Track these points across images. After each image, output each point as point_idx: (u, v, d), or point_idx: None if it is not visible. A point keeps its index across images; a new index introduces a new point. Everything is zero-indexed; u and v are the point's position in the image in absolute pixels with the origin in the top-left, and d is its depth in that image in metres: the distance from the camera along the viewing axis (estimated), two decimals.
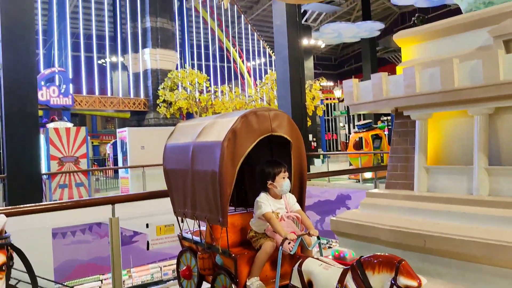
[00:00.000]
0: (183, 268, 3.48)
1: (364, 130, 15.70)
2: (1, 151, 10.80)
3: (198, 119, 3.73)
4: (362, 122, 16.28)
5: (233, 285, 2.95)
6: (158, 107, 25.05)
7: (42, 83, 19.99)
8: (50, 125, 13.89)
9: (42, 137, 12.32)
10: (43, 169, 11.84)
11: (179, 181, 3.40)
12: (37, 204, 3.93)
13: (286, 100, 17.57)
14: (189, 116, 27.07)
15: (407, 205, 3.06)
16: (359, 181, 13.02)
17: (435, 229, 2.70)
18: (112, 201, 3.94)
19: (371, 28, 26.84)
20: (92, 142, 29.27)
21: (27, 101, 10.63)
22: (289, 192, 3.11)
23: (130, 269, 6.66)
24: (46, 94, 20.35)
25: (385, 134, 17.57)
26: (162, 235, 4.50)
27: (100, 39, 26.76)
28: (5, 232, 2.10)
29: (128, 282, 6.59)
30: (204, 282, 3.37)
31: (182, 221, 3.55)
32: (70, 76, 22.51)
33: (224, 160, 2.85)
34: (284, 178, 3.02)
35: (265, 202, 2.98)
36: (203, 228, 3.28)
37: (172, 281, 6.22)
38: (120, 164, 14.63)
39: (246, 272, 2.95)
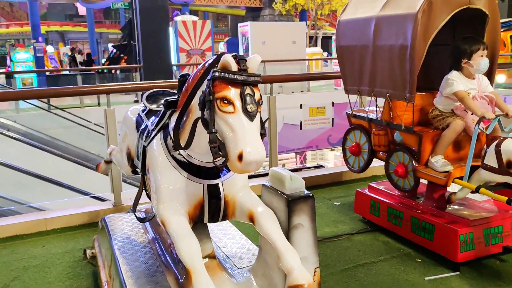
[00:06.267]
0: (351, 145, 3.55)
1: None
2: (137, 43, 11.51)
3: None
4: None
5: (413, 162, 2.94)
6: (274, 3, 24.50)
7: None
8: (178, 18, 14.35)
9: (171, 30, 12.82)
10: (173, 61, 12.47)
11: (355, 58, 3.31)
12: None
13: None
14: (303, 13, 26.15)
15: None
16: None
17: None
18: None
19: None
20: None
21: None
22: None
23: None
24: None
25: None
26: (314, 116, 4.57)
27: None
28: None
29: None
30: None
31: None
32: None
33: (418, 33, 2.68)
34: (482, 56, 2.81)
35: (457, 80, 2.83)
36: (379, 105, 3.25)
37: None
38: None
39: (429, 150, 2.91)
